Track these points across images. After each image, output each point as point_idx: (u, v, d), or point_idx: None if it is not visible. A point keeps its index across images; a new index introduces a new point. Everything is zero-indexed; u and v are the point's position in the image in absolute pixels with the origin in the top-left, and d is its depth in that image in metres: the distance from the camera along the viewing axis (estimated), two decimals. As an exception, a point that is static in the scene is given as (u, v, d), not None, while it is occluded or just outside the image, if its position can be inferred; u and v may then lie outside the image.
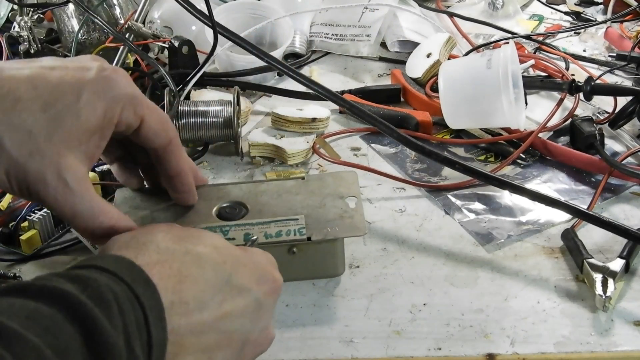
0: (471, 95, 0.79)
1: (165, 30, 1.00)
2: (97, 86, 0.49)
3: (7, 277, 0.63)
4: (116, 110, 0.50)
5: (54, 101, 0.48)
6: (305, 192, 0.62)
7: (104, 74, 0.50)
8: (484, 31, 1.10)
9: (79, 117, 0.48)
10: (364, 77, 1.01)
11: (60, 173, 0.48)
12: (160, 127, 0.53)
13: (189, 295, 0.42)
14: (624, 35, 1.05)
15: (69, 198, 0.48)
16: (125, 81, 0.51)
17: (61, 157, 0.48)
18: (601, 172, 0.76)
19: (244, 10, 1.03)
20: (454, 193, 0.75)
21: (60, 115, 0.48)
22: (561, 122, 0.85)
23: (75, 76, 0.49)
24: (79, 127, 0.48)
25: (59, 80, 0.49)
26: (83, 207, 0.49)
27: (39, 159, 0.47)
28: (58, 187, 0.48)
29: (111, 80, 0.50)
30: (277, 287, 0.49)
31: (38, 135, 0.47)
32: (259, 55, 0.76)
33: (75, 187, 0.48)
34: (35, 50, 0.95)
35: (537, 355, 0.56)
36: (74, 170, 0.48)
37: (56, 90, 0.48)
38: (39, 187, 0.48)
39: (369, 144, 0.84)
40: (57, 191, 0.48)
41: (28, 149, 0.47)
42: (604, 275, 0.61)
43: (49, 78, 0.49)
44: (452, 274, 0.64)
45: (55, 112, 0.48)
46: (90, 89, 0.49)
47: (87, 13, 0.92)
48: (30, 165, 0.47)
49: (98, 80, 0.50)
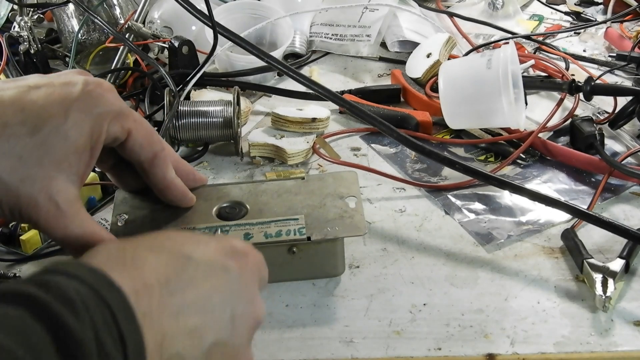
0: (471, 95, 0.79)
1: (165, 30, 1.00)
2: (83, 103, 0.50)
3: (7, 277, 0.63)
4: (103, 126, 0.51)
5: (41, 124, 0.48)
6: (305, 192, 0.62)
7: (88, 88, 0.51)
8: (484, 31, 1.10)
9: (68, 138, 0.49)
10: (364, 77, 1.01)
11: (52, 197, 0.48)
12: (146, 140, 0.54)
13: (151, 279, 0.40)
14: (624, 35, 1.05)
15: (60, 221, 0.49)
16: (111, 95, 0.52)
17: (52, 180, 0.48)
18: (601, 172, 0.76)
19: (244, 10, 1.03)
20: (454, 193, 0.75)
21: (48, 139, 0.48)
22: (561, 122, 0.85)
23: (61, 94, 0.50)
24: (67, 149, 0.49)
25: (45, 100, 0.49)
26: (74, 229, 0.50)
27: (30, 184, 0.48)
28: (50, 211, 0.48)
29: (97, 96, 0.51)
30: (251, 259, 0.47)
31: (28, 160, 0.48)
32: (259, 55, 0.76)
33: (67, 210, 0.49)
34: (35, 50, 0.95)
35: (537, 355, 0.56)
36: (65, 193, 0.49)
37: (43, 112, 0.49)
38: (31, 211, 0.48)
39: (369, 144, 0.84)
40: (49, 214, 0.49)
41: (19, 175, 0.48)
42: (604, 275, 0.61)
43: (34, 99, 0.49)
44: (452, 274, 0.64)
45: (43, 136, 0.48)
46: (76, 107, 0.49)
47: (87, 13, 0.92)
48: (22, 191, 0.48)
49: (84, 96, 0.50)
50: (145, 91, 0.90)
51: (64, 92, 0.50)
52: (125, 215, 0.60)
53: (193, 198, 0.60)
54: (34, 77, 0.52)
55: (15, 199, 0.48)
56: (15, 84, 0.50)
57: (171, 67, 0.92)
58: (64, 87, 0.50)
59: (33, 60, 0.95)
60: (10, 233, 0.68)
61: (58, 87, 0.50)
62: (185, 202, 0.59)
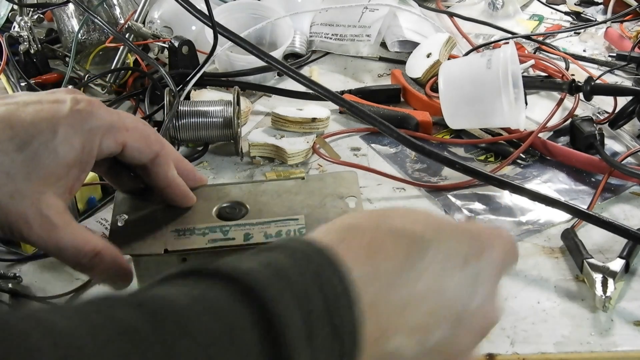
0: (471, 95, 0.79)
1: (165, 30, 1.00)
2: (72, 120, 0.50)
3: (7, 277, 0.63)
4: (95, 142, 0.51)
5: (30, 139, 0.48)
6: (305, 192, 0.62)
7: (78, 107, 0.50)
8: (484, 31, 1.10)
9: (57, 153, 0.49)
10: (364, 77, 1.01)
11: (42, 211, 0.48)
12: (143, 144, 0.54)
13: (386, 266, 0.37)
14: (624, 35, 1.05)
15: (52, 234, 0.49)
16: (101, 111, 0.51)
17: (41, 194, 0.48)
18: (601, 172, 0.76)
19: (244, 10, 1.03)
20: (454, 193, 0.75)
21: (37, 154, 0.48)
22: (561, 122, 0.85)
23: (50, 111, 0.50)
24: (57, 164, 0.49)
25: (34, 117, 0.49)
26: (67, 240, 0.49)
27: (19, 200, 0.48)
28: (42, 225, 0.48)
29: (86, 113, 0.50)
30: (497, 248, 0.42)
31: (16, 176, 0.47)
32: (259, 55, 0.76)
33: (58, 223, 0.49)
34: (35, 50, 0.95)
35: (537, 355, 0.56)
36: (54, 206, 0.49)
37: (32, 128, 0.49)
38: (22, 227, 0.48)
39: (369, 144, 0.84)
40: (42, 229, 0.48)
41: (8, 191, 0.47)
42: (604, 275, 0.61)
43: (23, 116, 0.49)
44: (452, 274, 0.64)
45: (32, 151, 0.48)
46: (65, 123, 0.49)
47: (87, 13, 0.92)
48: (11, 207, 0.48)
49: (73, 114, 0.50)
50: (145, 91, 0.90)
51: (52, 110, 0.50)
52: (125, 215, 0.60)
53: (193, 198, 0.60)
54: (22, 95, 0.52)
55: (4, 216, 0.48)
56: (3, 101, 0.50)
57: (171, 67, 0.92)
58: (52, 105, 0.50)
59: (33, 60, 0.95)
60: (10, 233, 0.68)
61: (47, 105, 0.50)
62: (185, 201, 0.59)
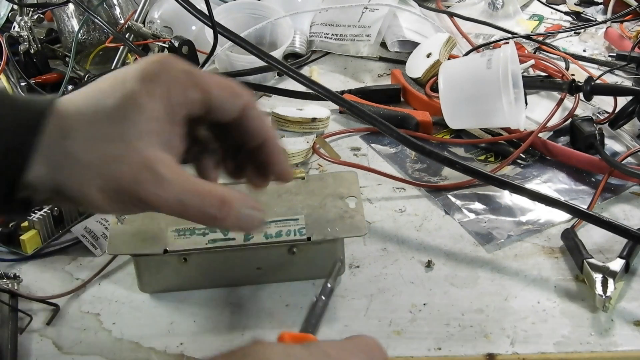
0: (471, 95, 0.79)
1: (165, 30, 1.00)
2: (147, 74, 0.48)
3: (7, 277, 0.63)
4: (177, 90, 0.48)
5: (112, 102, 0.47)
6: (305, 192, 0.63)
7: (149, 61, 0.49)
8: (484, 31, 1.10)
9: (142, 108, 0.47)
10: (364, 77, 1.01)
11: (151, 167, 0.46)
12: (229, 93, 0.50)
13: None
14: (624, 35, 1.05)
15: (168, 188, 0.46)
16: (175, 60, 0.49)
17: (143, 152, 0.46)
18: (601, 172, 0.76)
19: (244, 10, 1.03)
20: (454, 193, 0.75)
21: (124, 115, 0.47)
22: (561, 122, 0.85)
23: (123, 74, 0.48)
24: (147, 119, 0.47)
25: (111, 85, 0.48)
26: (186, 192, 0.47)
27: (125, 163, 0.46)
28: (155, 181, 0.46)
29: (160, 64, 0.49)
30: None
31: (114, 140, 0.46)
32: (259, 55, 0.76)
33: (171, 176, 0.46)
34: (35, 50, 0.95)
35: (537, 355, 0.56)
36: (161, 160, 0.46)
37: (111, 94, 0.48)
38: (137, 189, 0.46)
39: (369, 144, 0.84)
40: (156, 186, 0.46)
41: (110, 157, 0.46)
42: (604, 275, 0.61)
43: (100, 85, 0.48)
44: (452, 274, 0.64)
45: (118, 114, 0.47)
46: (141, 79, 0.48)
47: (87, 13, 0.92)
48: (118, 172, 0.46)
49: (147, 70, 0.48)
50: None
51: (125, 72, 0.49)
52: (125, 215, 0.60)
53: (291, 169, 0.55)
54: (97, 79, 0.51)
55: (116, 184, 0.46)
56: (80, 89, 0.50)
57: (171, 67, 0.92)
58: (126, 68, 0.49)
59: (33, 60, 0.95)
60: (10, 233, 0.68)
61: (120, 73, 0.49)
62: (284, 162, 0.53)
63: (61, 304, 0.62)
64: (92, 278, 0.65)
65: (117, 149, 0.46)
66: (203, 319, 0.60)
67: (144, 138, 0.47)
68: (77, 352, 0.58)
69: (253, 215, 0.49)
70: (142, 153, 0.46)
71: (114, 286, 0.64)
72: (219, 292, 0.63)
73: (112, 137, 0.46)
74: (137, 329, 0.60)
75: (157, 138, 0.47)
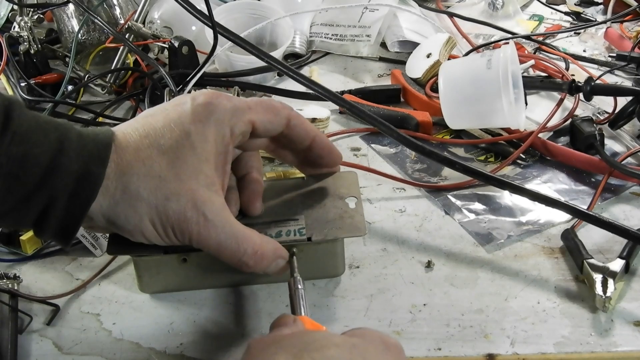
0: (471, 95, 0.79)
1: (165, 31, 1.00)
2: (197, 116, 0.52)
3: (7, 277, 0.63)
4: (225, 129, 0.52)
5: (166, 142, 0.50)
6: (305, 192, 0.63)
7: (198, 102, 0.53)
8: (484, 31, 1.10)
9: (195, 149, 0.51)
10: (364, 77, 1.01)
11: (199, 208, 0.50)
12: (271, 115, 0.56)
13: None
14: (624, 36, 1.05)
15: (211, 230, 0.51)
16: (221, 99, 0.53)
17: (194, 192, 0.50)
18: (601, 172, 0.76)
19: (244, 10, 1.03)
20: (454, 193, 0.75)
21: (178, 155, 0.50)
22: (561, 122, 0.85)
23: (175, 113, 0.52)
24: (199, 160, 0.51)
25: (164, 122, 0.51)
26: (225, 237, 0.51)
27: (175, 200, 0.50)
28: (199, 222, 0.50)
29: (208, 105, 0.52)
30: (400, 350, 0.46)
31: (167, 178, 0.50)
32: (259, 56, 0.76)
33: (215, 219, 0.51)
34: (35, 50, 0.95)
35: (537, 355, 0.56)
36: (210, 203, 0.51)
37: (165, 131, 0.51)
38: (184, 226, 0.50)
39: (369, 144, 0.84)
40: (200, 226, 0.50)
41: (164, 194, 0.50)
42: (604, 276, 0.61)
43: (154, 123, 0.51)
44: (452, 274, 0.64)
45: (173, 153, 0.50)
46: (192, 120, 0.51)
47: (87, 13, 0.92)
48: (170, 208, 0.50)
49: (196, 109, 0.52)
50: (145, 91, 0.90)
51: (177, 112, 0.52)
52: None
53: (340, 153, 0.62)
54: (147, 110, 0.54)
55: (166, 218, 0.50)
56: (132, 120, 0.53)
57: (171, 67, 0.92)
58: (176, 108, 0.53)
59: (33, 61, 0.95)
60: (10, 233, 0.68)
61: (171, 109, 0.53)
62: (335, 155, 0.61)
63: (61, 304, 0.62)
64: (92, 278, 0.65)
65: (171, 187, 0.50)
66: (203, 319, 0.60)
67: (195, 178, 0.51)
68: (77, 352, 0.58)
69: (279, 265, 0.56)
70: (193, 193, 0.50)
71: (114, 286, 0.64)
72: (219, 292, 0.63)
73: (167, 176, 0.50)
74: (137, 330, 0.60)
75: (208, 179, 0.51)
